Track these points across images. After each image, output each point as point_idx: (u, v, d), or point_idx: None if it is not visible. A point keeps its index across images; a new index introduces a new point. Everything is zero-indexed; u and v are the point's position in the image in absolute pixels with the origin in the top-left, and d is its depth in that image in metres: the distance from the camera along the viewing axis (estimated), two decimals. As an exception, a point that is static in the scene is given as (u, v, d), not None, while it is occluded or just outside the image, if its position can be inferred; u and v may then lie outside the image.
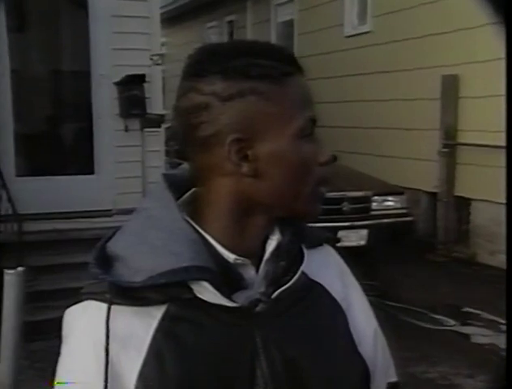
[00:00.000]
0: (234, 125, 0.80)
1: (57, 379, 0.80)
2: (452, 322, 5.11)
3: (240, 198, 0.82)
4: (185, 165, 0.90)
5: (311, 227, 0.91)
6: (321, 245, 0.95)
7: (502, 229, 6.42)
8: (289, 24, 10.62)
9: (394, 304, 5.30)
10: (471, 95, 6.84)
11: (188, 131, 0.82)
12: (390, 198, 6.29)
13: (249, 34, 11.85)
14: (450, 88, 7.07)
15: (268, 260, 0.85)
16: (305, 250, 0.88)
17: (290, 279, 0.84)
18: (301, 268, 0.85)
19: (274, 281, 0.83)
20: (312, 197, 0.84)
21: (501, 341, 3.97)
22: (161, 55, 6.09)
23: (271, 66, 0.81)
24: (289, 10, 10.60)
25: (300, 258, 0.86)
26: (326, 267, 0.93)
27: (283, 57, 0.83)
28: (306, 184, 0.83)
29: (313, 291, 0.89)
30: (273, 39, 11.03)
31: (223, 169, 0.81)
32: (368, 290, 1.00)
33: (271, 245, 0.86)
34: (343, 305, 0.91)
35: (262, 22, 11.43)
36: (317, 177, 0.84)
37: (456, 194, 7.15)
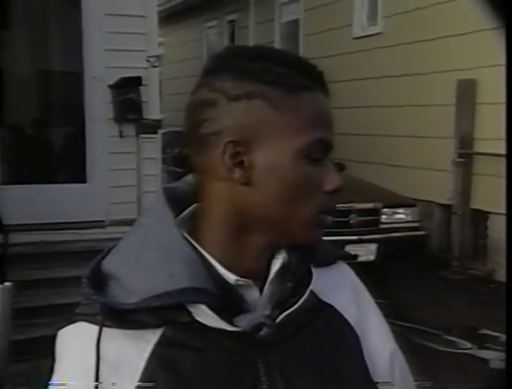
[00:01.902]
0: (235, 127, 0.80)
1: None
2: (468, 344, 5.08)
3: (233, 208, 0.82)
4: (187, 178, 0.90)
5: (323, 243, 0.89)
6: (334, 262, 0.94)
7: (522, 245, 6.41)
8: (294, 24, 10.66)
9: (405, 324, 5.27)
10: (489, 101, 6.84)
11: (192, 127, 0.83)
12: (400, 210, 6.29)
13: (252, 34, 11.90)
14: (467, 94, 7.08)
15: (273, 281, 0.84)
16: (316, 269, 0.86)
17: (297, 302, 0.82)
18: (309, 289, 0.84)
19: (279, 304, 0.82)
20: (311, 223, 0.82)
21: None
22: (158, 56, 6.11)
23: (289, 75, 0.81)
24: (294, 10, 10.65)
25: (309, 278, 0.85)
26: (339, 287, 0.92)
27: (305, 70, 0.83)
28: (304, 208, 0.81)
29: (324, 314, 0.88)
30: (277, 40, 11.08)
31: (217, 172, 0.81)
32: (377, 309, 1.00)
33: (276, 264, 0.85)
34: (357, 329, 0.90)
35: (266, 22, 11.47)
36: (319, 203, 0.82)
37: (472, 206, 7.14)
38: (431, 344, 5.03)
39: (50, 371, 0.83)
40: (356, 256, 5.22)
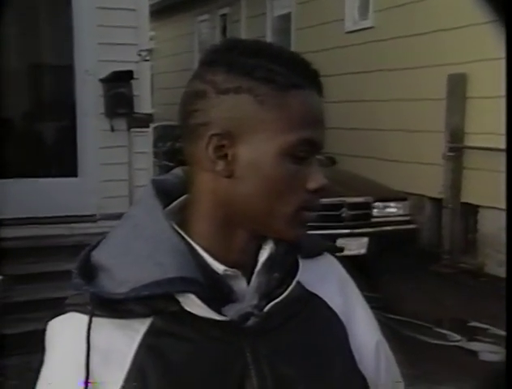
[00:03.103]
0: (221, 120, 0.81)
1: None
2: (458, 337, 5.12)
3: (218, 200, 0.83)
4: (176, 170, 0.91)
5: (310, 235, 0.90)
6: (320, 254, 0.95)
7: None
8: (286, 18, 10.65)
9: (395, 317, 5.30)
10: (480, 95, 6.87)
11: (184, 117, 0.85)
12: (392, 204, 6.31)
13: (244, 28, 11.88)
14: (457, 88, 7.10)
15: (260, 271, 0.85)
16: (302, 260, 0.88)
17: (283, 292, 0.84)
18: (296, 279, 0.85)
19: (266, 294, 0.83)
20: (292, 219, 0.83)
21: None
22: (150, 50, 6.10)
23: (280, 72, 0.81)
24: (286, 3, 10.63)
25: (295, 269, 0.86)
26: (326, 278, 0.93)
27: (299, 68, 0.83)
28: (286, 204, 0.82)
29: (310, 304, 0.89)
30: (268, 34, 11.06)
31: (202, 164, 0.83)
32: (367, 302, 1.01)
33: (263, 255, 0.86)
34: (343, 319, 0.91)
35: (258, 15, 11.45)
36: (301, 201, 0.83)
37: (463, 200, 7.17)
38: (421, 336, 5.06)
39: (41, 363, 0.84)
40: (342, 248, 5.23)
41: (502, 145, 6.40)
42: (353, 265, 1.11)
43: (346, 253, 5.71)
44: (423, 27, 7.48)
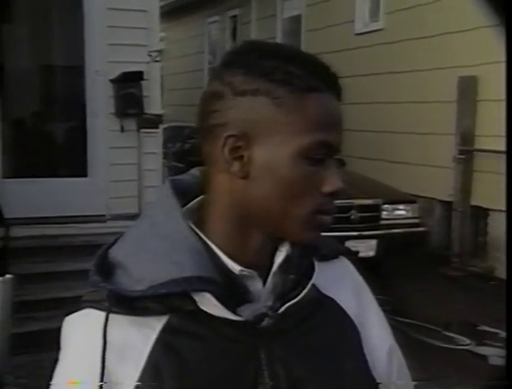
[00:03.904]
0: (238, 121, 0.81)
1: (51, 387, 0.83)
2: (467, 341, 5.09)
3: (233, 200, 0.83)
4: (193, 171, 0.92)
5: (325, 238, 0.90)
6: (336, 257, 0.95)
7: (522, 242, 6.41)
8: (296, 20, 10.65)
9: (404, 320, 5.29)
10: (490, 98, 6.83)
11: (202, 117, 0.85)
12: (401, 206, 6.30)
13: (254, 30, 11.89)
14: (468, 90, 7.08)
15: (276, 273, 0.86)
16: (318, 263, 0.88)
17: (299, 294, 0.84)
18: (311, 282, 0.86)
19: (282, 295, 0.84)
20: (307, 222, 0.83)
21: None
22: (160, 51, 6.11)
23: (298, 75, 0.81)
24: (296, 5, 10.63)
25: (311, 272, 0.86)
26: (340, 281, 0.93)
27: (317, 71, 0.83)
28: (301, 207, 0.82)
29: (325, 306, 0.89)
30: (279, 35, 11.07)
31: (218, 164, 0.83)
32: (376, 305, 1.00)
33: (280, 257, 0.86)
34: (357, 322, 0.91)
35: (268, 17, 11.46)
36: (316, 204, 0.83)
37: (473, 203, 7.14)
38: (430, 339, 5.04)
39: (54, 361, 0.84)
40: (356, 252, 5.22)
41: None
42: (362, 267, 1.11)
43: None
44: (433, 30, 7.47)
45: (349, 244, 5.77)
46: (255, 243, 0.85)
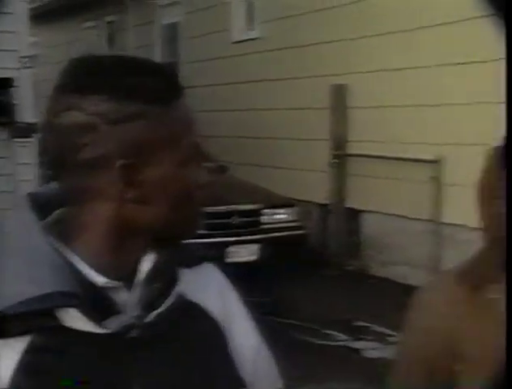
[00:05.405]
0: (122, 149, 0.81)
1: None
2: (344, 337, 5.29)
3: (120, 223, 0.83)
4: (51, 184, 0.89)
5: (190, 245, 0.93)
6: (201, 263, 0.97)
7: (393, 240, 6.76)
8: (175, 27, 10.61)
9: (285, 321, 5.41)
10: (360, 105, 7.16)
11: (68, 151, 0.82)
12: (281, 210, 6.43)
13: (131, 36, 11.71)
14: (339, 98, 7.36)
15: (142, 282, 0.85)
16: (183, 270, 0.90)
17: (164, 302, 0.85)
18: (176, 289, 0.87)
19: (149, 304, 0.84)
20: (193, 218, 0.88)
21: (389, 353, 4.14)
22: (32, 57, 5.86)
23: (159, 88, 0.83)
24: (176, 12, 10.59)
25: (176, 280, 0.88)
26: (206, 287, 0.95)
27: (170, 78, 0.85)
28: (189, 207, 0.87)
29: (191, 313, 0.91)
30: (157, 42, 10.98)
31: (105, 194, 0.82)
32: (259, 307, 1.03)
33: (145, 266, 0.86)
34: (223, 325, 0.94)
35: (146, 23, 11.33)
36: (197, 198, 0.88)
37: (347, 205, 7.43)
38: (310, 338, 5.18)
39: None
40: (222, 256, 5.26)
41: (383, 152, 6.71)
42: (245, 271, 1.14)
43: (237, 260, 5.76)
44: (307, 39, 7.70)
45: (231, 249, 5.83)
46: (126, 255, 0.85)
